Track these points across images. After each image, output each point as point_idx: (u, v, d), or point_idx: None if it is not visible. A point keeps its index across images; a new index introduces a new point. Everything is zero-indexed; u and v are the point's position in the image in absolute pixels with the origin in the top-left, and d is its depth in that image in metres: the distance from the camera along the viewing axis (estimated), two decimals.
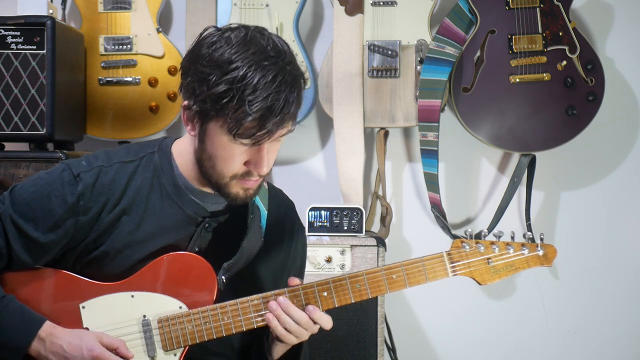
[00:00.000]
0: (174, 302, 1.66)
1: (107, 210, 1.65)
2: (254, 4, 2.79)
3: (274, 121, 1.53)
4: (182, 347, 1.65)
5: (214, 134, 1.56)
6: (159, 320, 1.65)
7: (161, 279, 1.66)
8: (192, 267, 1.67)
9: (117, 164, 1.68)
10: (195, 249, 1.70)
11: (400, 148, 3.02)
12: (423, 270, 1.69)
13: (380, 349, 2.54)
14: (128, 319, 1.65)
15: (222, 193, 1.64)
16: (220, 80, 1.51)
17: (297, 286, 1.66)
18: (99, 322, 1.64)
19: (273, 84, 1.51)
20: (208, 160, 1.60)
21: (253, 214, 1.74)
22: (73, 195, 1.62)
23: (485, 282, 1.71)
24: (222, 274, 1.68)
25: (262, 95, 1.50)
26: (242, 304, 1.65)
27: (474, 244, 1.71)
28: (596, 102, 2.72)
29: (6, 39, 2.51)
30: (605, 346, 2.99)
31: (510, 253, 1.71)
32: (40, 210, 1.62)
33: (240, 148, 1.56)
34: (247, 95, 1.50)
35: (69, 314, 1.64)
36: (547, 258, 1.73)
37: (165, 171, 1.68)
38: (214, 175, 1.61)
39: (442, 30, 2.78)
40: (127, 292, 1.65)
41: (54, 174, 1.66)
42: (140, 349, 1.65)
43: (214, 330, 1.64)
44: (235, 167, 1.59)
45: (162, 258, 1.66)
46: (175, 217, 1.68)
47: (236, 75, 1.50)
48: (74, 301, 1.65)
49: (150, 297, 1.65)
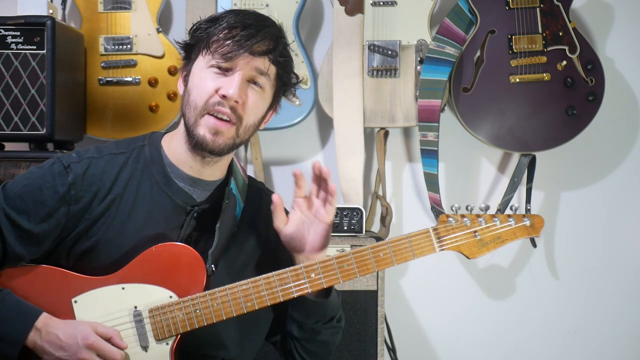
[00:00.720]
0: (164, 292, 1.67)
1: (98, 199, 1.68)
2: (254, 3, 2.79)
3: (245, 34, 1.65)
4: (174, 336, 1.66)
5: (196, 67, 1.71)
6: (149, 310, 1.66)
7: (151, 270, 1.67)
8: (180, 257, 1.68)
9: (107, 155, 1.73)
10: (189, 238, 1.73)
11: (400, 148, 3.02)
12: (410, 247, 1.69)
13: (380, 349, 2.54)
14: (120, 311, 1.67)
15: (192, 136, 1.69)
16: (208, 18, 1.72)
17: (286, 270, 1.68)
18: (92, 315, 1.66)
19: (251, 14, 1.71)
20: (187, 97, 1.70)
21: (228, 199, 1.77)
22: (64, 185, 1.66)
23: (473, 255, 1.70)
24: (210, 262, 1.70)
25: (239, 17, 1.69)
26: (231, 289, 1.67)
27: (459, 217, 1.70)
28: (596, 102, 2.72)
29: (6, 39, 2.51)
30: (605, 346, 2.99)
31: (497, 225, 1.71)
32: (33, 202, 1.65)
33: (214, 74, 1.67)
34: (228, 19, 1.68)
35: (62, 309, 1.66)
36: (534, 228, 1.72)
37: (155, 162, 1.73)
38: (188, 114, 1.69)
39: (442, 30, 2.78)
40: (117, 285, 1.67)
41: (44, 167, 1.70)
42: (133, 339, 1.66)
43: (204, 317, 1.66)
44: (208, 92, 1.66)
45: (151, 249, 1.68)
46: (165, 206, 1.71)
47: (222, 14, 1.71)
48: (66, 296, 1.66)
49: (140, 288, 1.67)
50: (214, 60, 1.66)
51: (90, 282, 1.67)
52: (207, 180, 1.75)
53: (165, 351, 1.66)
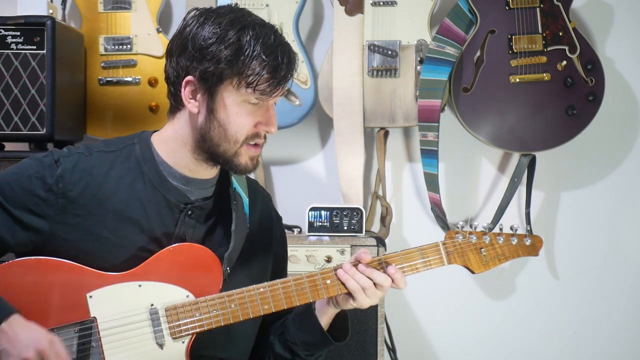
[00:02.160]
0: (181, 291, 1.68)
1: (87, 195, 1.67)
2: (254, 4, 2.79)
3: (283, 74, 1.64)
4: (190, 335, 1.67)
5: (226, 97, 1.64)
6: (166, 309, 1.66)
7: (168, 269, 1.68)
8: (198, 258, 1.69)
9: (96, 152, 1.73)
10: (183, 236, 1.72)
11: (400, 148, 3.02)
12: (421, 259, 1.78)
13: (380, 349, 2.54)
14: (136, 308, 1.66)
15: (231, 164, 1.69)
16: (230, 41, 1.61)
17: (301, 273, 1.72)
18: (107, 311, 1.65)
19: (277, 40, 1.64)
20: (219, 129, 1.66)
21: (235, 200, 1.77)
22: (52, 177, 1.66)
23: (478, 270, 1.80)
24: (225, 265, 1.71)
25: (270, 49, 1.62)
26: (249, 291, 1.68)
27: (467, 234, 1.80)
28: (596, 102, 2.72)
29: (6, 39, 2.51)
30: (605, 346, 2.99)
31: (501, 243, 1.81)
32: (21, 190, 1.65)
33: (250, 108, 1.65)
34: (259, 50, 1.61)
35: (76, 303, 1.65)
36: (534, 248, 1.83)
37: (147, 160, 1.72)
38: (224, 145, 1.67)
39: (442, 30, 2.78)
40: (134, 282, 1.67)
41: (36, 158, 1.71)
42: (149, 336, 1.66)
43: (221, 318, 1.67)
44: (248, 128, 1.66)
45: (168, 249, 1.69)
46: (158, 204, 1.71)
47: (244, 34, 1.61)
48: (80, 291, 1.65)
49: (157, 287, 1.67)
50: (253, 97, 1.64)
51: (106, 278, 1.67)
52: (200, 178, 1.75)
53: (181, 350, 1.66)
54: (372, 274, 1.72)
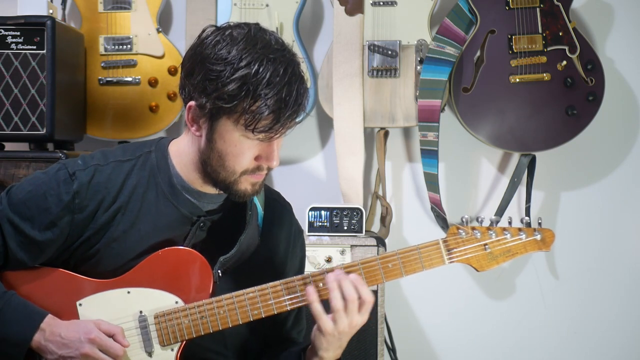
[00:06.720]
0: (170, 297, 1.66)
1: (103, 208, 1.66)
2: (254, 4, 2.79)
3: (288, 114, 1.56)
4: (179, 342, 1.65)
5: (225, 131, 1.59)
6: (155, 316, 1.65)
7: (157, 275, 1.66)
8: (187, 262, 1.67)
9: (113, 162, 1.69)
10: (191, 248, 1.70)
11: (400, 148, 3.02)
12: (419, 258, 1.66)
13: (380, 349, 2.54)
14: (125, 315, 1.66)
15: (230, 191, 1.65)
16: (232, 77, 1.53)
17: (294, 278, 1.67)
18: (96, 319, 1.64)
19: (285, 77, 1.54)
20: (217, 158, 1.61)
21: (251, 210, 1.74)
22: (68, 193, 1.63)
23: (482, 268, 1.67)
24: (218, 268, 1.68)
25: (276, 89, 1.53)
26: (238, 297, 1.65)
27: (470, 230, 1.67)
28: (596, 102, 2.72)
29: (6, 39, 2.51)
30: (605, 346, 2.99)
31: (508, 238, 1.67)
32: (37, 209, 1.63)
33: (250, 143, 1.59)
34: (261, 90, 1.53)
35: (66, 311, 1.65)
36: (545, 242, 1.69)
37: (162, 170, 1.69)
38: (223, 174, 1.63)
39: (442, 30, 2.78)
40: (123, 289, 1.66)
41: (49, 173, 1.67)
42: (138, 344, 1.65)
43: (210, 324, 1.64)
44: (246, 163, 1.61)
45: (157, 253, 1.66)
46: (170, 216, 1.69)
47: (249, 72, 1.53)
48: (70, 299, 1.66)
49: (146, 293, 1.66)
50: (255, 137, 1.57)
51: (96, 285, 1.66)
52: (213, 194, 1.72)
53: (170, 357, 1.65)
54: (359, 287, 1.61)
